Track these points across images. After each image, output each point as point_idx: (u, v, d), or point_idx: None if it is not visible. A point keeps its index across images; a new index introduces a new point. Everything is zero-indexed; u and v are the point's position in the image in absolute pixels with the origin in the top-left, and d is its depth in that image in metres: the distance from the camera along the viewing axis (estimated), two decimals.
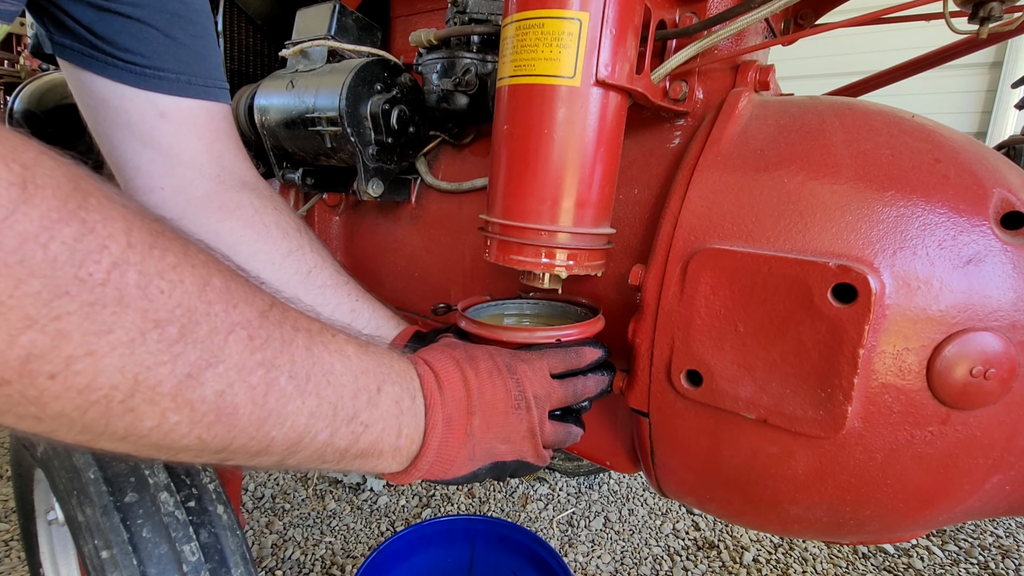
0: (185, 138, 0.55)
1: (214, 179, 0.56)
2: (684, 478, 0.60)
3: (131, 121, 0.53)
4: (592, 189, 0.54)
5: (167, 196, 0.55)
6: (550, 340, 0.53)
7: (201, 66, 0.55)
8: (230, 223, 0.57)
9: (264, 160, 0.94)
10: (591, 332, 0.55)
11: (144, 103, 0.52)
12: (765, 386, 0.47)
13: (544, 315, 0.66)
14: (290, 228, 0.61)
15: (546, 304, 0.65)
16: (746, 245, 0.48)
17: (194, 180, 0.55)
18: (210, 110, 0.56)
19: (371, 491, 1.73)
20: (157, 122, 0.53)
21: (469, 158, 0.82)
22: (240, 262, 0.52)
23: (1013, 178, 0.47)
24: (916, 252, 0.43)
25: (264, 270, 0.57)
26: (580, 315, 0.63)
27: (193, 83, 0.54)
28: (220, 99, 0.58)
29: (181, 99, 0.54)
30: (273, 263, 0.59)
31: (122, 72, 0.51)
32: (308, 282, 0.61)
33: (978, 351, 0.42)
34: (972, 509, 0.51)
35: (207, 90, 0.56)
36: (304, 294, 0.59)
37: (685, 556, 1.53)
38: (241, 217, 0.57)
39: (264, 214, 0.59)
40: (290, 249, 0.60)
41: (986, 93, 3.48)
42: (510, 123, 0.53)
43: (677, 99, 0.61)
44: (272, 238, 0.59)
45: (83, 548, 0.65)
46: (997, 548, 1.62)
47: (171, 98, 0.53)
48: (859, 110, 0.52)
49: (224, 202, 0.57)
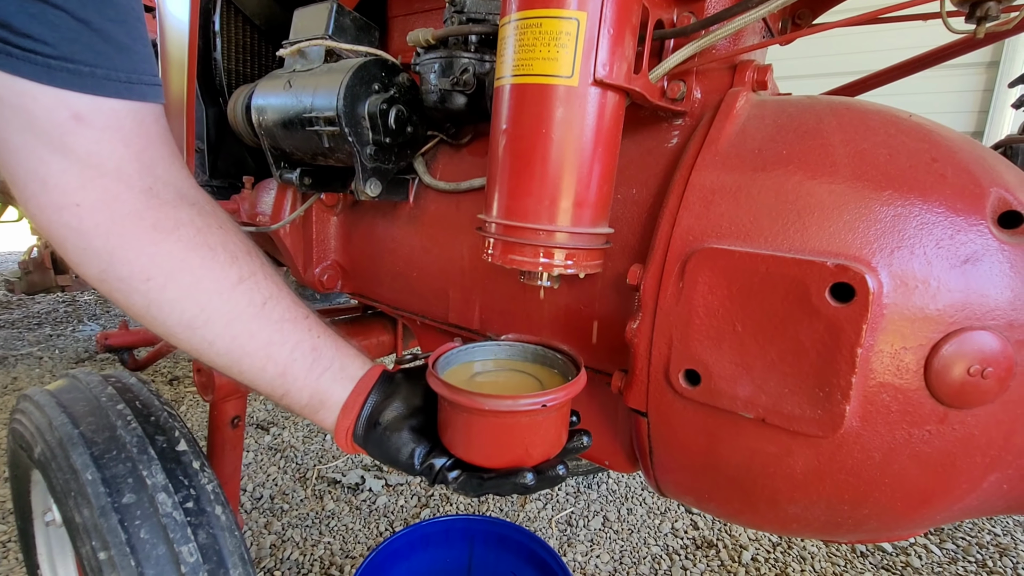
0: (108, 145, 0.45)
1: (146, 193, 0.47)
2: (683, 477, 0.60)
3: (36, 124, 0.43)
4: (590, 189, 0.54)
5: (85, 214, 0.45)
6: (535, 407, 0.48)
7: (124, 58, 0.46)
8: (168, 245, 0.48)
9: (263, 160, 0.93)
10: (577, 392, 0.51)
11: (52, 102, 0.43)
12: (763, 385, 0.47)
13: (517, 359, 0.61)
14: (239, 251, 0.52)
15: (520, 347, 0.61)
16: (744, 245, 0.48)
17: (120, 194, 0.46)
18: (138, 112, 0.47)
19: (370, 491, 1.73)
20: (71, 126, 0.44)
21: (467, 158, 0.82)
22: (180, 293, 0.48)
23: (1010, 177, 0.47)
24: (914, 251, 0.43)
25: (210, 302, 0.49)
26: (555, 360, 0.58)
27: (114, 79, 0.45)
28: (149, 98, 0.48)
29: (100, 98, 0.45)
30: (220, 293, 0.50)
31: (20, 63, 0.41)
32: (263, 316, 0.52)
33: (976, 350, 0.42)
34: (970, 507, 0.51)
35: (132, 87, 0.46)
36: (259, 329, 0.51)
37: (684, 555, 1.54)
38: (181, 238, 0.48)
39: (208, 234, 0.50)
40: (241, 276, 0.51)
41: (983, 93, 3.49)
42: (508, 123, 0.53)
43: (675, 99, 0.61)
44: (219, 263, 0.50)
45: (81, 549, 0.65)
46: (995, 546, 1.62)
47: (88, 97, 0.44)
48: (856, 110, 0.52)
49: (159, 220, 0.48)
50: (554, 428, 0.52)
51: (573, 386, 0.51)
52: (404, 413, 0.54)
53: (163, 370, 2.55)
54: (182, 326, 0.49)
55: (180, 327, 0.49)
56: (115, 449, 0.70)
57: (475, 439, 0.50)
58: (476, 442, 0.51)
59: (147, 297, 0.48)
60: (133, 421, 0.74)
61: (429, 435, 0.54)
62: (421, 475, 0.53)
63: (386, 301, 0.97)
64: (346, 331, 1.21)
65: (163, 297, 0.48)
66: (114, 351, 1.33)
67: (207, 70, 1.06)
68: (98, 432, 0.72)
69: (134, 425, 0.74)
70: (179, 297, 0.48)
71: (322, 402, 0.54)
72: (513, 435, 0.50)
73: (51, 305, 3.46)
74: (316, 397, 0.54)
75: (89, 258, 0.47)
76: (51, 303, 3.49)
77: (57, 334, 2.98)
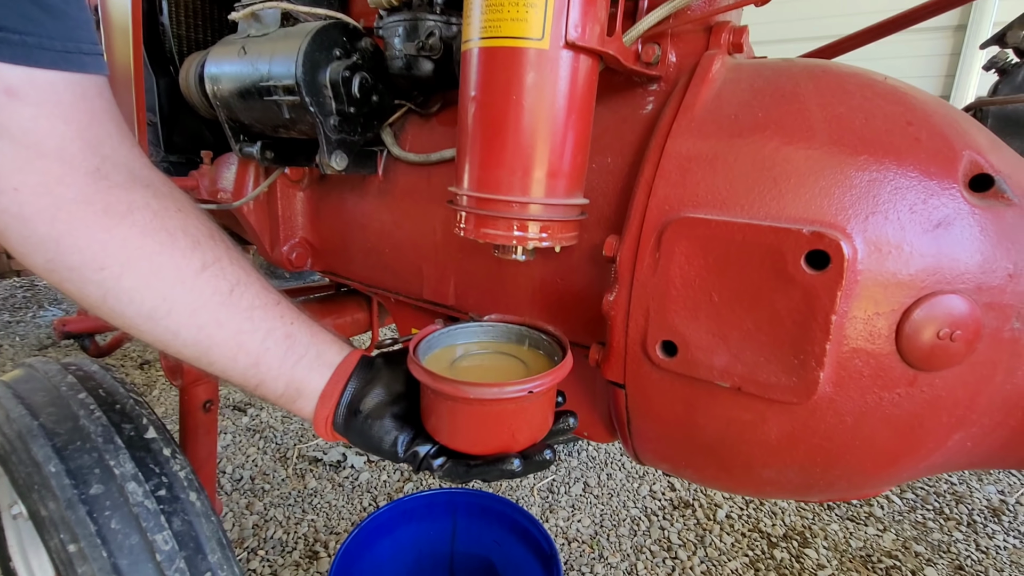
0: (47, 122, 0.41)
1: (93, 174, 0.43)
2: (660, 446, 0.61)
3: None
4: (564, 158, 0.52)
5: (25, 200, 0.41)
6: (522, 394, 0.47)
7: (59, 25, 0.41)
8: (121, 231, 0.44)
9: (221, 134, 0.88)
10: (563, 376, 0.50)
11: None
12: (739, 355, 0.47)
13: (501, 341, 0.59)
14: (201, 235, 0.48)
15: (503, 329, 0.59)
16: (721, 213, 0.48)
17: (63, 177, 0.42)
18: (79, 84, 0.43)
19: (352, 468, 1.73)
20: (3, 102, 0.40)
21: (437, 128, 0.79)
22: (138, 282, 0.44)
23: (982, 140, 0.47)
24: (887, 217, 0.43)
25: (172, 291, 0.46)
26: (540, 341, 0.57)
27: (48, 47, 0.41)
28: (90, 68, 0.44)
29: (34, 70, 0.40)
30: (183, 281, 0.46)
31: None
32: (230, 303, 0.48)
33: (945, 314, 0.42)
34: (935, 465, 0.53)
35: (69, 57, 0.42)
36: (227, 318, 0.48)
37: (662, 516, 1.59)
38: (136, 223, 0.44)
39: (166, 218, 0.46)
40: (204, 262, 0.47)
41: (950, 57, 3.53)
42: (477, 89, 0.51)
43: (650, 63, 0.59)
44: (180, 249, 0.46)
45: (49, 543, 0.63)
46: (951, 495, 1.72)
47: (20, 68, 0.40)
48: (833, 73, 0.51)
49: (110, 204, 0.44)
50: (540, 413, 0.52)
51: (559, 370, 0.49)
52: (385, 400, 0.52)
53: (132, 355, 2.48)
54: (142, 317, 0.46)
55: (140, 318, 0.46)
56: (79, 440, 0.67)
57: (460, 427, 0.49)
58: (461, 430, 0.49)
59: (102, 287, 0.44)
60: (97, 410, 0.71)
61: (412, 422, 0.53)
62: (405, 462, 0.52)
63: (358, 279, 0.95)
64: (319, 310, 1.18)
65: (120, 286, 0.44)
66: (74, 337, 1.28)
67: (154, 37, 1.00)
68: (59, 423, 0.69)
69: (98, 414, 0.71)
70: (137, 286, 0.45)
71: (299, 391, 0.52)
72: (499, 422, 0.49)
73: (7, 291, 3.31)
74: (292, 386, 0.51)
75: (33, 247, 0.42)
76: (7, 288, 3.34)
77: (16, 320, 2.86)
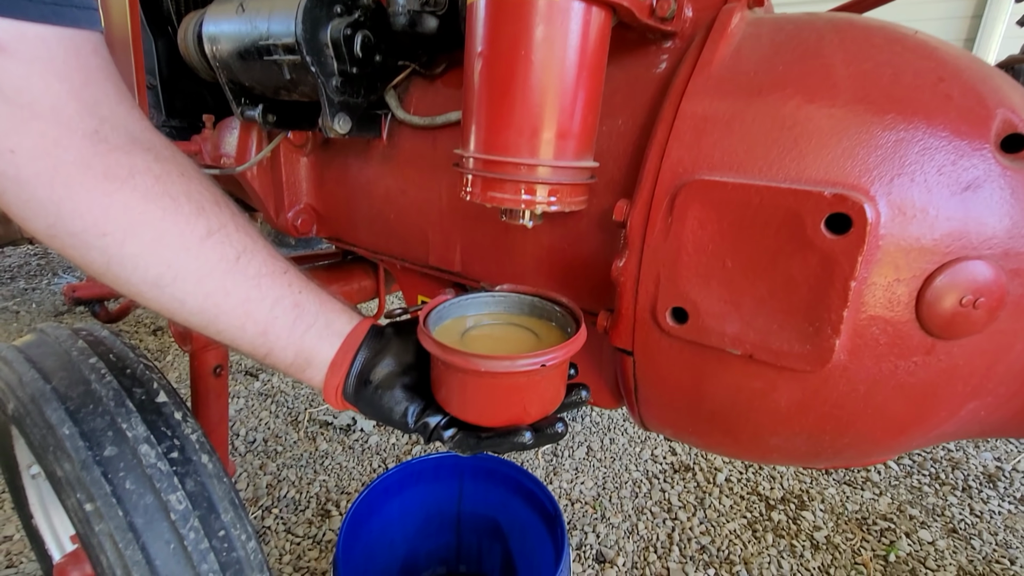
0: (40, 80, 0.39)
1: (91, 137, 0.41)
2: (667, 413, 0.61)
3: None
4: (574, 118, 0.50)
5: (22, 162, 0.39)
6: (534, 367, 0.45)
7: None
8: (122, 196, 0.42)
9: (222, 97, 0.86)
10: (577, 349, 0.48)
11: None
12: (752, 322, 0.46)
13: (512, 312, 0.58)
14: (205, 201, 0.47)
15: (515, 299, 0.57)
16: (737, 176, 0.46)
17: (60, 139, 0.40)
18: (72, 40, 0.40)
19: (361, 431, 1.76)
20: None
21: (442, 90, 0.76)
22: (142, 248, 0.43)
23: (1016, 98, 0.44)
24: (914, 179, 0.41)
25: (177, 258, 0.45)
26: (552, 313, 0.55)
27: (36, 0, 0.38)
28: (83, 23, 0.41)
29: (24, 24, 0.38)
30: (188, 248, 0.45)
31: None
32: (237, 271, 0.47)
33: (969, 280, 0.41)
34: (945, 433, 0.52)
35: (61, 10, 0.39)
36: (234, 286, 0.47)
37: (663, 479, 1.61)
38: (137, 187, 0.43)
39: (169, 183, 0.44)
40: (210, 229, 0.46)
41: (971, 19, 3.37)
42: (483, 44, 0.48)
43: (664, 17, 0.56)
44: (184, 215, 0.45)
45: (66, 502, 0.65)
46: (948, 460, 1.73)
47: (8, 22, 0.37)
48: (860, 26, 0.48)
49: (110, 168, 0.42)
50: (552, 386, 0.51)
51: (573, 344, 0.48)
52: (396, 370, 0.52)
53: (145, 321, 2.51)
54: (148, 284, 0.45)
55: (146, 285, 0.45)
56: (91, 403, 0.68)
57: (470, 399, 0.49)
58: (472, 402, 0.49)
59: (106, 254, 0.43)
60: (108, 375, 0.72)
61: (422, 392, 0.52)
62: (416, 433, 0.52)
63: (364, 245, 0.94)
64: (326, 277, 1.18)
65: (123, 253, 0.43)
66: (84, 303, 1.29)
67: None
68: (72, 387, 0.70)
69: (109, 379, 0.72)
70: (141, 253, 0.44)
71: (308, 360, 0.51)
72: (510, 395, 0.48)
73: (22, 258, 3.33)
74: (301, 356, 0.51)
75: (34, 210, 0.41)
76: (22, 256, 3.37)
77: (32, 287, 2.89)
